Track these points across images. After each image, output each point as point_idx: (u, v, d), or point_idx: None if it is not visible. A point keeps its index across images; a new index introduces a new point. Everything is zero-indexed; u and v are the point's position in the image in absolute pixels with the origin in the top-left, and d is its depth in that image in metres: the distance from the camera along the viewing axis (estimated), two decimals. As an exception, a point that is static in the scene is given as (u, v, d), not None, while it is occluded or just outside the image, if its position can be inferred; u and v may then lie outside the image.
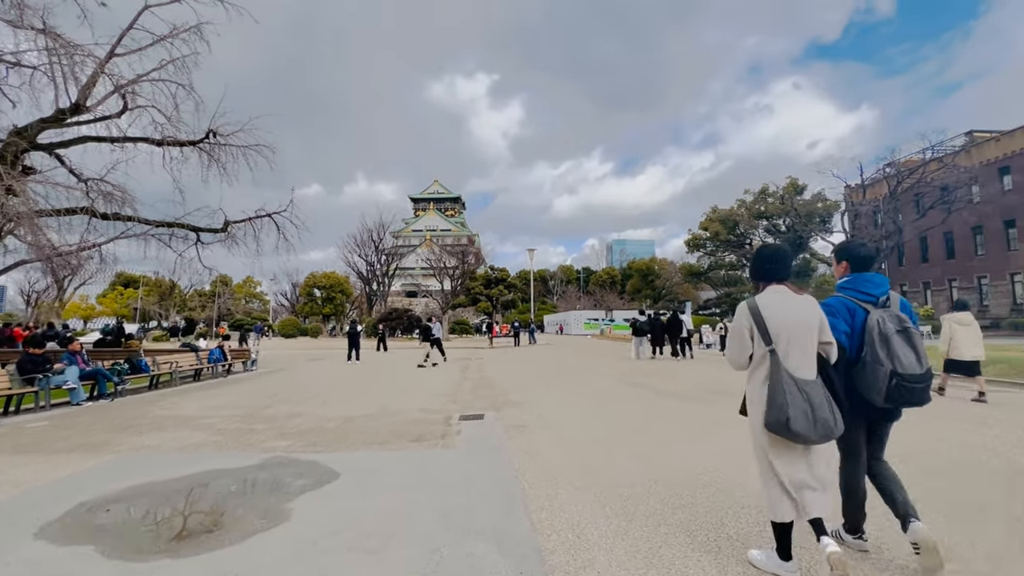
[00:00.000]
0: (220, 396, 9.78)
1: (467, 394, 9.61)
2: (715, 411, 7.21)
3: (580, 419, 6.89)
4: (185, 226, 13.95)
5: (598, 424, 6.55)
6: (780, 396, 2.36)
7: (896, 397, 2.43)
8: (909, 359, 2.43)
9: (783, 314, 2.47)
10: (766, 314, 2.49)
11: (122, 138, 12.02)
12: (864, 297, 2.64)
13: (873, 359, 2.47)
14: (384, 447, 5.55)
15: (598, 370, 14.12)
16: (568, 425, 6.49)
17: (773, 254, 2.67)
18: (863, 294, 2.65)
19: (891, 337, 2.46)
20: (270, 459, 5.04)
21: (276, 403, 8.68)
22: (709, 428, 6.15)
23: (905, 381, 2.40)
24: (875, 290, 2.63)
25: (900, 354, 2.43)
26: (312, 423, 6.89)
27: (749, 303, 2.57)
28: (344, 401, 8.85)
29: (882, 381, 2.43)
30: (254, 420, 7.16)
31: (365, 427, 6.61)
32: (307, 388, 10.94)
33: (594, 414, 7.26)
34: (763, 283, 2.64)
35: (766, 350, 2.47)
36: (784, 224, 47.92)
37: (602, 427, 6.35)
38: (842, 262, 2.81)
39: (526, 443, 5.57)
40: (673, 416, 6.97)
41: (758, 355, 2.53)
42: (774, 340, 2.45)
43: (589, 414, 7.27)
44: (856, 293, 2.67)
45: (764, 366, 2.50)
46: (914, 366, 2.43)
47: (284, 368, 16.09)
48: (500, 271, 71.40)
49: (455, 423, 6.82)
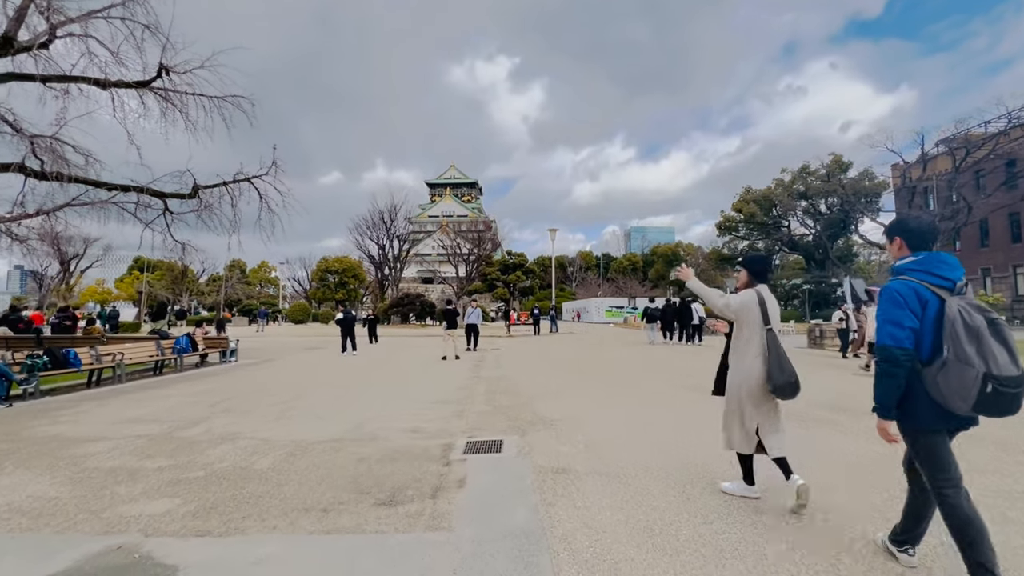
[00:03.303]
0: (152, 402, 7.49)
1: (479, 402, 7.16)
2: (863, 440, 4.60)
3: (654, 452, 4.36)
4: (145, 190, 11.68)
5: (686, 460, 4.00)
6: (787, 364, 3.07)
7: (988, 405, 2.01)
8: (1004, 358, 1.98)
9: (774, 306, 3.26)
10: (768, 303, 3.23)
11: (55, 76, 9.69)
12: (938, 281, 2.18)
13: (959, 358, 2.02)
14: (325, 521, 3.11)
15: (638, 364, 11.54)
16: (638, 465, 3.97)
17: (767, 261, 3.64)
18: (937, 277, 2.19)
19: (982, 331, 2.02)
20: (90, 561, 2.63)
21: (216, 414, 6.34)
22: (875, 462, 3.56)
23: (1001, 385, 1.96)
24: (951, 273, 2.19)
25: (994, 352, 1.99)
26: (240, 457, 4.50)
27: (757, 291, 3.27)
28: (309, 413, 6.47)
29: (971, 385, 2.00)
30: (158, 449, 4.81)
31: (315, 467, 4.18)
32: (274, 390, 8.62)
33: (672, 442, 4.71)
34: (758, 281, 3.34)
35: (764, 329, 3.17)
36: (826, 204, 44.08)
37: (695, 465, 3.81)
38: (895, 239, 2.41)
39: (578, 516, 3.09)
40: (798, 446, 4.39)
41: (751, 332, 3.21)
42: (771, 323, 3.19)
43: (665, 442, 4.72)
44: (927, 276, 2.21)
45: (756, 343, 3.18)
46: (1009, 366, 1.98)
47: (270, 359, 13.87)
48: (518, 256, 68.73)
49: (457, 460, 4.37)
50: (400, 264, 52.33)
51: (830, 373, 9.99)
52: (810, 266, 46.36)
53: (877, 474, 3.80)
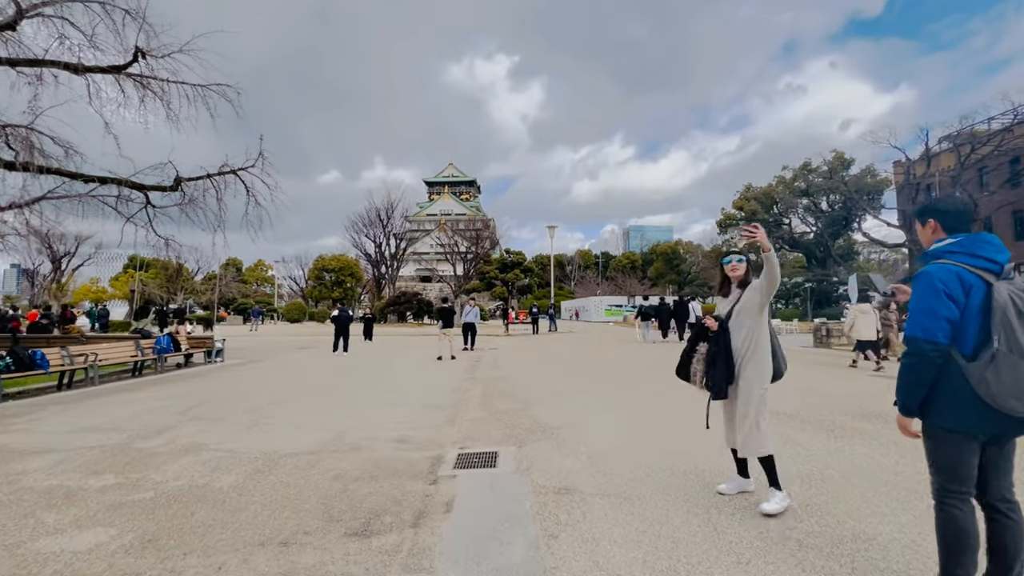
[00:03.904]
0: (119, 407, 6.95)
1: (474, 406, 6.64)
2: (895, 451, 4.09)
3: (667, 466, 3.84)
4: (124, 182, 11.11)
5: (704, 476, 3.49)
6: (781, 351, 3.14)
7: None
8: None
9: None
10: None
11: (24, 60, 9.11)
12: (983, 264, 1.90)
13: (1011, 350, 1.77)
14: (283, 559, 2.58)
15: (637, 364, 11.03)
16: (651, 484, 3.45)
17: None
18: (982, 259, 1.91)
19: None
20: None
21: (185, 422, 5.81)
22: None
23: None
24: (997, 254, 1.91)
25: None
26: (199, 474, 3.96)
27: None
28: (288, 420, 5.94)
29: None
30: (109, 464, 4.27)
31: (283, 486, 3.66)
32: (254, 393, 8.08)
33: (685, 453, 4.18)
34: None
35: (769, 319, 3.10)
36: (827, 202, 43.60)
37: (716, 483, 3.30)
38: (929, 221, 2.12)
39: (586, 552, 2.57)
40: (804, 455, 3.87)
41: (766, 323, 3.04)
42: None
43: (677, 453, 4.20)
44: (970, 258, 1.92)
45: (767, 331, 3.05)
46: None
47: (258, 360, 13.31)
48: (516, 254, 68.22)
49: (446, 476, 3.85)
50: (397, 262, 51.71)
51: (846, 375, 9.48)
52: (811, 264, 45.95)
53: (922, 494, 3.29)
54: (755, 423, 2.99)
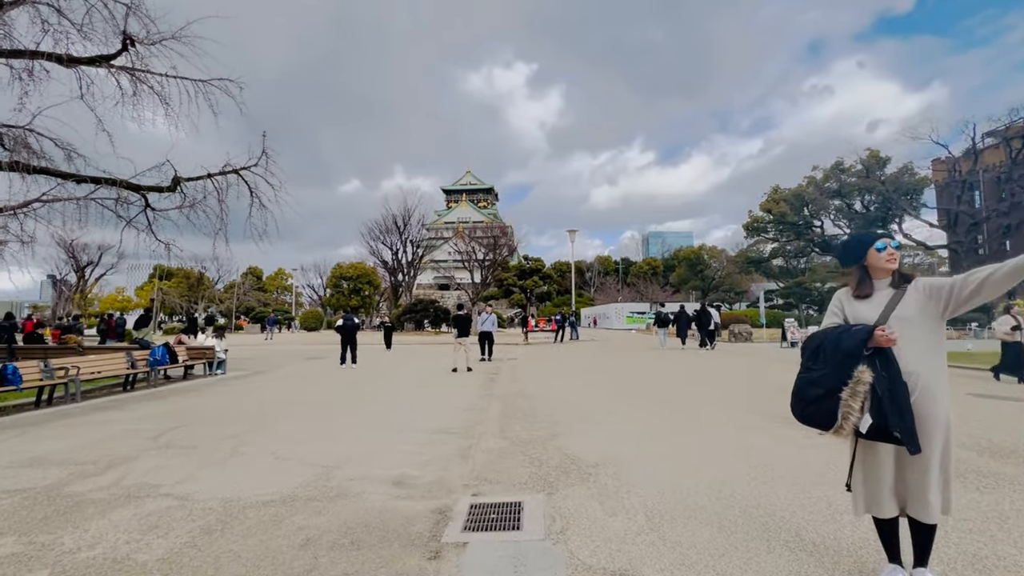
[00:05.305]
0: (82, 430, 6.07)
1: (491, 432, 5.58)
2: None
3: (755, 528, 2.73)
4: (119, 183, 10.44)
5: (816, 543, 2.37)
6: None
7: None
8: None
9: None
10: None
11: (6, 51, 8.50)
12: None
13: None
14: None
15: (675, 376, 9.82)
16: (744, 568, 2.36)
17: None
18: None
19: None
20: None
21: (148, 452, 4.88)
22: None
23: None
24: None
25: None
26: (127, 537, 2.99)
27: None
28: (269, 450, 4.96)
29: None
30: (21, 519, 3.33)
31: (230, 561, 2.65)
32: (242, 413, 7.18)
33: (780, 502, 3.06)
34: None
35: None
36: (862, 202, 41.47)
37: (836, 552, 2.18)
38: None
39: None
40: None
41: (944, 338, 2.19)
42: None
43: (765, 504, 3.07)
44: None
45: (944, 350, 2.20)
46: None
47: (261, 371, 12.50)
48: (535, 261, 67.22)
49: (452, 544, 2.80)
50: (414, 269, 51.09)
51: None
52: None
53: None
54: (948, 476, 2.04)
